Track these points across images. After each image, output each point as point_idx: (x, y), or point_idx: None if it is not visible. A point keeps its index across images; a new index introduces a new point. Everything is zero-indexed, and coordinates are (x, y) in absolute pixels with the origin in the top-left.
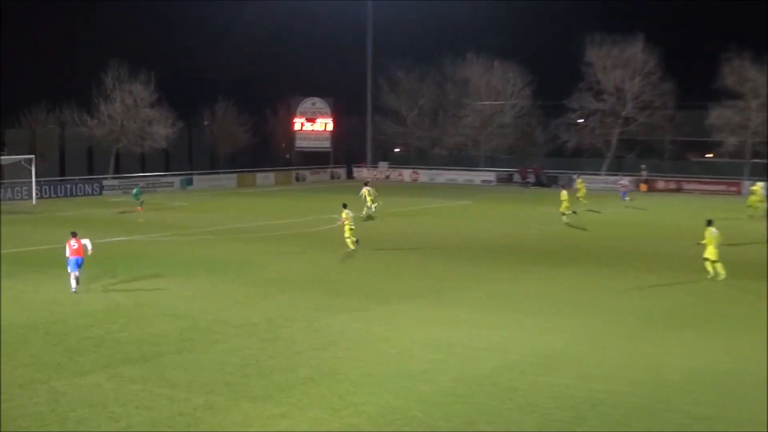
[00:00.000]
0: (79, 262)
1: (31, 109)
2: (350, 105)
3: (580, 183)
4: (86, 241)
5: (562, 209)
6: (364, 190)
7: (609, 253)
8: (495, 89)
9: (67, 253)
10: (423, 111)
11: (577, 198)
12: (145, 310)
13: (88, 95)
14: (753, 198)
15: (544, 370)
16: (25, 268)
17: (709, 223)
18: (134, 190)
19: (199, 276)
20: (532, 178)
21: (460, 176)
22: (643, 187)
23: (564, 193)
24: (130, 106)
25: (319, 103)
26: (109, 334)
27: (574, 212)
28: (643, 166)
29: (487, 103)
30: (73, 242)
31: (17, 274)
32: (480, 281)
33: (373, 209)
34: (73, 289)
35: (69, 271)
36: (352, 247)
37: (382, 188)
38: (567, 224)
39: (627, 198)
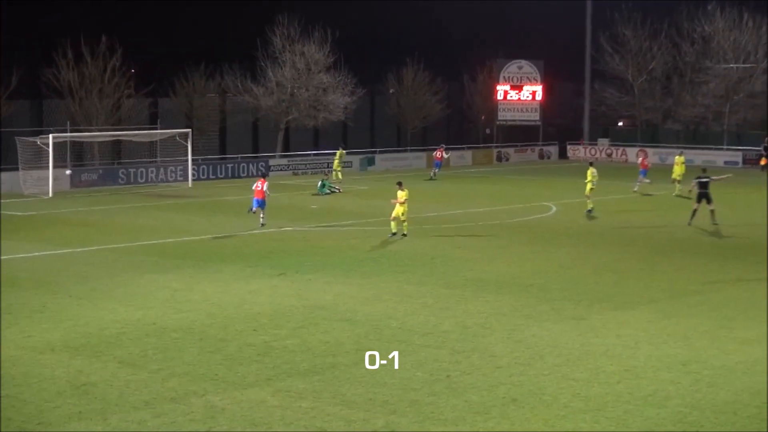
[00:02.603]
0: (261, 202)
1: (188, 75)
2: (564, 69)
3: (680, 159)
4: (266, 185)
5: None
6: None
7: None
8: (743, 49)
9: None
10: (653, 76)
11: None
12: (317, 314)
13: (253, 58)
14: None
15: None
16: (179, 263)
17: None
18: (318, 184)
19: (381, 274)
20: None
21: (697, 156)
22: None
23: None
24: (302, 71)
25: (526, 66)
26: (276, 342)
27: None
28: None
29: (734, 66)
30: (258, 184)
31: (170, 269)
32: (720, 285)
33: None
34: (261, 224)
35: (253, 207)
36: (394, 230)
37: (600, 170)
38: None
39: None
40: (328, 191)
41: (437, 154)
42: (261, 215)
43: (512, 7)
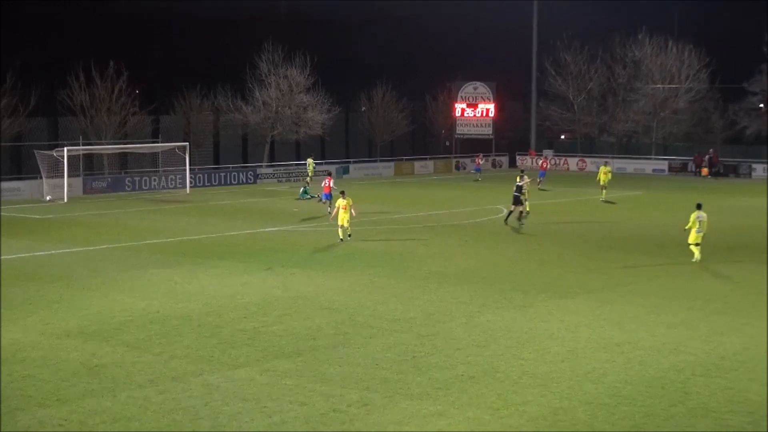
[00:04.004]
0: (328, 196)
1: (186, 95)
2: (513, 89)
3: (605, 168)
4: (332, 182)
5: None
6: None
7: None
8: (669, 72)
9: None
10: (591, 95)
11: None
12: (300, 303)
13: (243, 80)
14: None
15: (718, 371)
16: (179, 259)
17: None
18: (300, 190)
19: (355, 269)
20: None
21: (629, 165)
22: None
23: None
24: (285, 92)
25: (481, 87)
26: (264, 327)
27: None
28: None
29: (660, 86)
30: (326, 181)
31: (171, 264)
32: (651, 277)
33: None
34: (328, 212)
35: (323, 199)
36: (341, 236)
37: (546, 178)
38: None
39: None
40: (309, 197)
41: (477, 160)
42: (328, 206)
43: (468, 36)
